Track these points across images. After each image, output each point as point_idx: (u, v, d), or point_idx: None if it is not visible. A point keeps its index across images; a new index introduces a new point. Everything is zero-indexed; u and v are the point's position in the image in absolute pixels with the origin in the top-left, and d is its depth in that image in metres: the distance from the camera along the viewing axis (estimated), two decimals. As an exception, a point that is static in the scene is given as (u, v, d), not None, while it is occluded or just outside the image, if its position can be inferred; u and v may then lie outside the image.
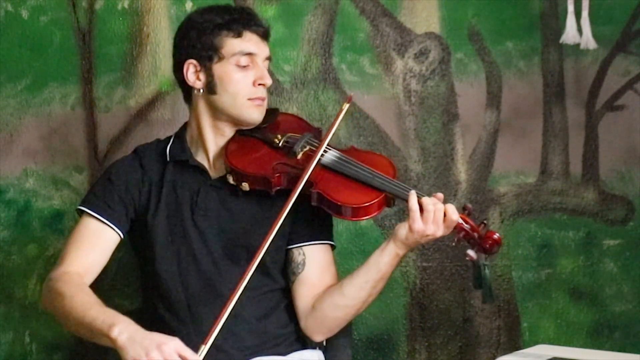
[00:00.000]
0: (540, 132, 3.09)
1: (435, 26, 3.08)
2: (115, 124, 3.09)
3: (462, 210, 2.43)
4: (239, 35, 2.54)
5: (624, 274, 3.09)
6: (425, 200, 2.41)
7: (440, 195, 2.44)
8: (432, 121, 3.10)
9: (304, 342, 2.60)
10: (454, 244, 2.44)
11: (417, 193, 2.42)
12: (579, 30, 3.05)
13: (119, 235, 2.58)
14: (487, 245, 2.39)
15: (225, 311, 2.33)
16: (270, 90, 3.07)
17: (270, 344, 2.54)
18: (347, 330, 2.68)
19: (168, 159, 2.61)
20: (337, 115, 2.58)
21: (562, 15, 3.06)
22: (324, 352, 2.63)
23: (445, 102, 3.09)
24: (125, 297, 3.07)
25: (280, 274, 2.58)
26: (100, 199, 2.59)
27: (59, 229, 3.05)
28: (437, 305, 3.10)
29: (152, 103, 3.09)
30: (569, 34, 3.05)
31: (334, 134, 2.56)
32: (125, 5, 3.08)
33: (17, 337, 3.10)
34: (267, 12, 3.06)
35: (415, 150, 3.09)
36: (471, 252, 2.40)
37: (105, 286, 3.07)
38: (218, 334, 2.49)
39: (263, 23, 2.60)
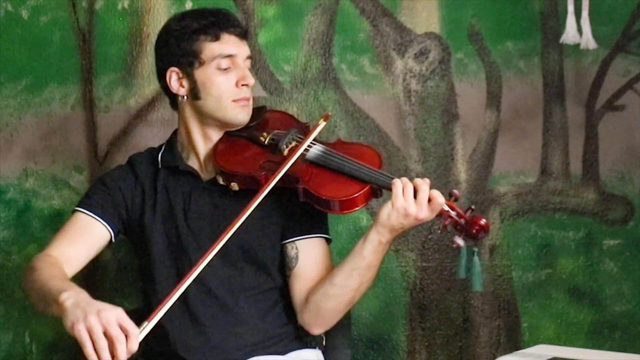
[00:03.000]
0: (540, 132, 3.09)
1: (435, 26, 3.08)
2: (115, 124, 3.09)
3: (449, 197, 2.40)
4: (216, 38, 2.54)
5: (624, 274, 3.09)
6: (405, 179, 2.40)
7: (427, 180, 2.42)
8: (432, 121, 3.10)
9: (303, 342, 2.60)
10: (440, 231, 2.42)
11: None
12: (579, 30, 3.05)
13: (109, 233, 2.59)
14: (474, 231, 2.36)
15: (178, 289, 2.32)
16: (270, 91, 3.08)
17: (270, 342, 2.54)
18: (346, 330, 2.69)
19: (160, 165, 2.63)
20: (313, 128, 2.56)
21: (562, 15, 3.06)
22: (323, 352, 2.64)
23: (445, 102, 3.09)
24: (125, 297, 3.07)
25: (279, 272, 2.59)
26: (92, 199, 2.61)
27: (59, 229, 3.04)
28: (437, 305, 3.10)
29: (152, 103, 3.09)
30: (569, 34, 3.05)
31: (317, 133, 2.56)
32: (125, 5, 3.08)
33: (17, 337, 3.10)
34: (267, 12, 3.06)
35: (415, 150, 3.09)
36: (458, 240, 2.37)
37: (105, 286, 3.08)
38: (218, 334, 2.50)
39: (240, 23, 2.60)
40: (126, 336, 2.19)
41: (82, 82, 3.09)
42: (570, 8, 3.04)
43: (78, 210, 2.60)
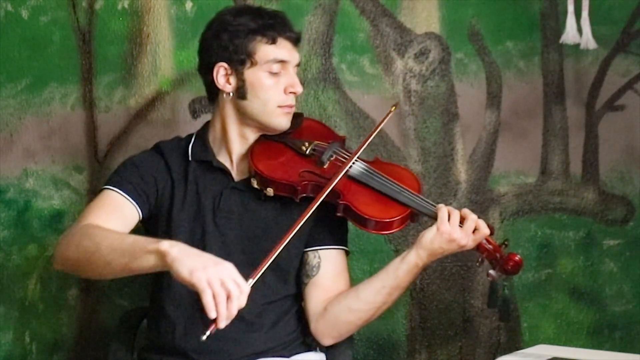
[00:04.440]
0: (540, 132, 3.09)
1: (435, 26, 3.08)
2: (115, 124, 3.09)
3: None
4: (273, 41, 2.51)
5: (624, 274, 3.09)
6: (452, 207, 2.44)
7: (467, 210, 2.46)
8: (432, 121, 3.10)
9: (307, 345, 2.60)
10: (477, 264, 2.47)
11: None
12: (579, 30, 3.05)
13: (139, 214, 2.55)
14: (509, 267, 2.42)
15: (275, 252, 2.32)
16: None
17: (277, 348, 2.54)
18: (347, 330, 2.68)
19: (190, 158, 2.59)
20: (381, 121, 2.58)
21: (562, 15, 3.06)
22: (325, 353, 2.63)
23: (445, 102, 3.09)
24: (125, 297, 3.07)
25: (296, 278, 2.58)
26: (123, 178, 2.56)
27: (59, 229, 3.05)
28: (437, 305, 3.10)
29: (152, 103, 3.08)
30: (569, 34, 3.05)
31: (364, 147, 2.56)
32: (125, 5, 3.08)
33: (17, 337, 3.09)
34: (267, 12, 3.06)
35: (415, 150, 3.09)
36: (493, 272, 2.43)
37: (105, 286, 3.08)
38: (227, 339, 2.47)
39: (295, 29, 2.58)
40: None
41: (82, 82, 3.09)
42: (570, 8, 3.04)
43: (108, 189, 2.55)
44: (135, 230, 2.59)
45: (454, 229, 2.41)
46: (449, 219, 2.42)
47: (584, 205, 3.10)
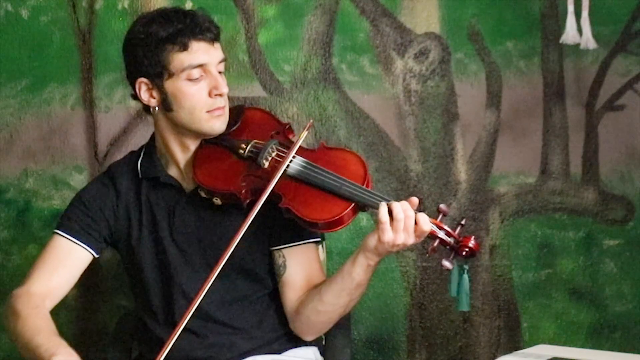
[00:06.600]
0: (540, 132, 3.09)
1: (435, 26, 3.08)
2: (115, 124, 3.09)
3: (437, 212, 2.34)
4: (184, 48, 2.38)
5: (624, 274, 3.09)
6: (396, 207, 2.30)
7: (415, 200, 2.34)
8: (432, 121, 3.10)
9: (299, 340, 2.57)
10: (427, 254, 2.37)
11: (387, 201, 2.32)
12: (579, 30, 3.05)
13: (91, 254, 2.52)
14: (463, 253, 2.31)
15: (179, 328, 2.28)
16: (270, 91, 3.08)
17: (266, 345, 2.52)
18: (346, 330, 2.68)
19: (140, 175, 2.54)
20: (296, 141, 2.44)
21: (562, 15, 3.06)
22: (323, 352, 2.63)
23: (445, 102, 3.09)
24: (125, 297, 3.07)
25: (270, 277, 2.54)
26: (72, 220, 2.52)
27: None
28: (437, 305, 3.10)
29: (152, 103, 3.08)
30: (569, 34, 3.05)
31: (301, 140, 2.45)
32: (125, 5, 3.08)
33: (17, 337, 3.09)
34: (267, 12, 3.06)
35: (415, 150, 3.09)
36: (447, 263, 2.31)
37: (105, 286, 3.08)
38: (213, 344, 2.47)
39: (211, 25, 2.43)
40: None
41: (82, 82, 3.09)
42: (570, 8, 3.04)
43: (57, 234, 2.52)
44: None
45: (397, 236, 2.30)
46: (391, 222, 2.29)
47: (584, 205, 3.10)
